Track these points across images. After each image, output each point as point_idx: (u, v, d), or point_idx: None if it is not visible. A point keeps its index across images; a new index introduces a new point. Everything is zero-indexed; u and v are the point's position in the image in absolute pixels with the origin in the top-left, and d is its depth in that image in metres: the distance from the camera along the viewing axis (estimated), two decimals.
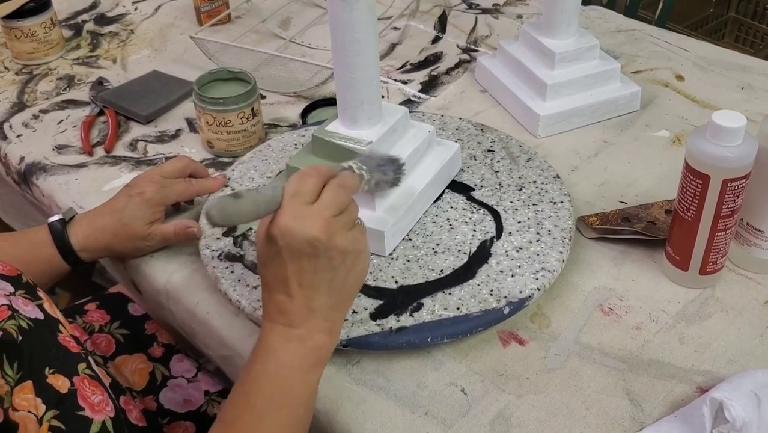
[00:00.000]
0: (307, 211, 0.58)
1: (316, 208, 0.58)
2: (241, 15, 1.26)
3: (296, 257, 0.58)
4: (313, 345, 0.60)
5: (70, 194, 0.90)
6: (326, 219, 0.58)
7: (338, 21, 0.70)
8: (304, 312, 0.59)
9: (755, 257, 0.74)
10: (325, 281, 0.59)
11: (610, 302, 0.73)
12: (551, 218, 0.77)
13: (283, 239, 0.57)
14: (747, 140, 0.66)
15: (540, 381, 0.66)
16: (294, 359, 0.59)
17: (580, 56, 0.95)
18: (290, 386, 0.59)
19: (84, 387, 0.57)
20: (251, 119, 0.92)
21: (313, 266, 0.58)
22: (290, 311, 0.59)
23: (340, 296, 0.61)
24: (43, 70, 1.14)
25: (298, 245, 0.57)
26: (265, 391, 0.58)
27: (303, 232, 0.57)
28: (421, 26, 1.21)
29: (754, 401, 0.59)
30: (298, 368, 0.59)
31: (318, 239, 0.57)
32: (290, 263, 0.58)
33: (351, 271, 0.60)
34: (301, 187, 0.59)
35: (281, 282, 0.59)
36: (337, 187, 0.60)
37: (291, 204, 0.58)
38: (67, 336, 0.60)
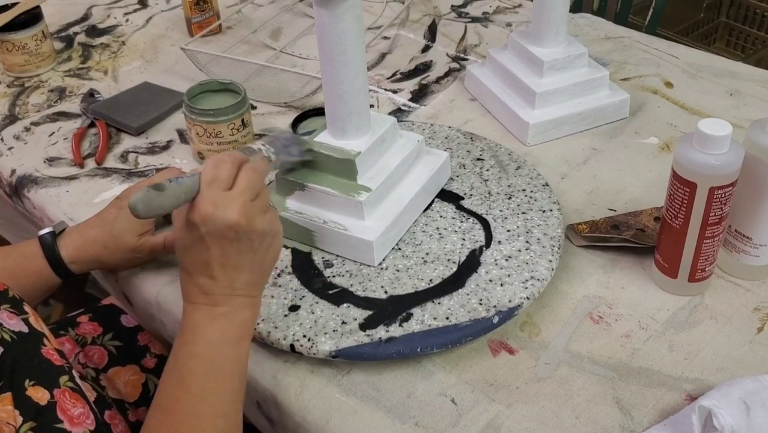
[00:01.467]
0: (226, 198, 0.59)
1: (233, 194, 0.60)
2: (232, 25, 1.27)
3: (219, 242, 0.59)
4: (238, 320, 0.61)
5: (61, 206, 0.90)
6: (244, 204, 0.59)
7: (325, 33, 0.71)
8: (227, 291, 0.61)
9: (744, 264, 0.74)
10: (246, 262, 0.61)
11: (600, 310, 0.73)
12: (540, 226, 0.77)
13: (204, 225, 0.58)
14: (733, 148, 0.66)
15: (530, 390, 0.66)
16: (222, 335, 0.60)
17: (569, 64, 0.95)
18: (221, 361, 0.60)
19: (64, 400, 0.58)
20: (241, 130, 0.92)
21: (235, 249, 0.60)
22: (213, 291, 0.60)
23: (260, 274, 0.63)
24: (35, 82, 1.14)
25: (220, 230, 0.59)
26: (198, 370, 0.59)
27: (224, 218, 0.58)
28: (410, 35, 1.22)
29: (743, 408, 0.59)
30: (227, 342, 0.61)
31: (239, 223, 0.59)
32: (213, 247, 0.59)
33: (268, 251, 0.63)
34: (217, 174, 0.60)
35: (203, 265, 0.60)
36: (251, 172, 0.62)
37: (209, 191, 0.59)
38: (51, 349, 0.61)
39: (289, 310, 0.71)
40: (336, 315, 0.70)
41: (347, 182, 0.75)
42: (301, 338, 0.68)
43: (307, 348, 0.67)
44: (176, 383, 0.59)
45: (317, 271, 0.75)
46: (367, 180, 0.76)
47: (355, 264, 0.75)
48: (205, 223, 0.58)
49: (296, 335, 0.68)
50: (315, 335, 0.68)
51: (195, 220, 0.59)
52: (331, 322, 0.69)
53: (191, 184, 0.60)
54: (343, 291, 0.72)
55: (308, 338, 0.68)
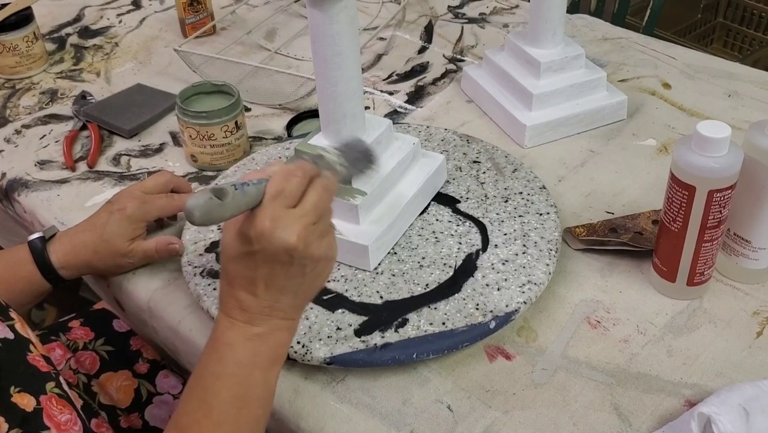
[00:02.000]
0: (288, 217, 0.56)
1: (297, 213, 0.56)
2: (226, 27, 1.26)
3: (269, 263, 0.56)
4: (273, 343, 0.58)
5: (52, 210, 0.89)
6: (306, 227, 0.56)
7: (319, 34, 0.70)
8: (266, 312, 0.58)
9: (743, 268, 0.73)
10: (293, 286, 0.58)
11: (598, 315, 0.72)
12: (537, 229, 0.77)
13: (259, 242, 0.55)
14: (732, 150, 0.65)
15: (527, 396, 0.65)
16: (254, 358, 0.58)
17: (566, 65, 0.95)
18: (250, 387, 0.57)
19: (51, 406, 0.56)
20: (235, 132, 0.91)
21: (285, 272, 0.57)
22: (252, 309, 0.57)
23: (305, 298, 0.60)
24: (26, 84, 1.13)
25: (274, 250, 0.55)
26: (224, 394, 0.56)
27: (281, 239, 0.55)
28: (407, 36, 1.21)
29: (742, 414, 0.58)
30: (259, 367, 0.58)
31: (296, 248, 0.55)
32: (262, 266, 0.56)
33: (319, 276, 0.60)
34: (285, 187, 0.56)
35: (248, 281, 0.57)
36: (321, 191, 0.58)
37: (272, 206, 0.56)
38: (37, 356, 0.59)
39: None
40: (331, 321, 0.69)
41: (342, 186, 0.74)
42: (295, 345, 0.67)
43: (301, 355, 0.66)
44: (199, 404, 0.57)
45: None
46: (361, 183, 0.75)
47: (350, 269, 0.74)
48: (260, 240, 0.55)
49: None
50: (309, 342, 0.67)
51: (250, 234, 0.55)
52: (325, 328, 0.68)
53: (255, 194, 0.56)
54: (338, 296, 0.71)
55: (302, 345, 0.67)
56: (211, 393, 0.57)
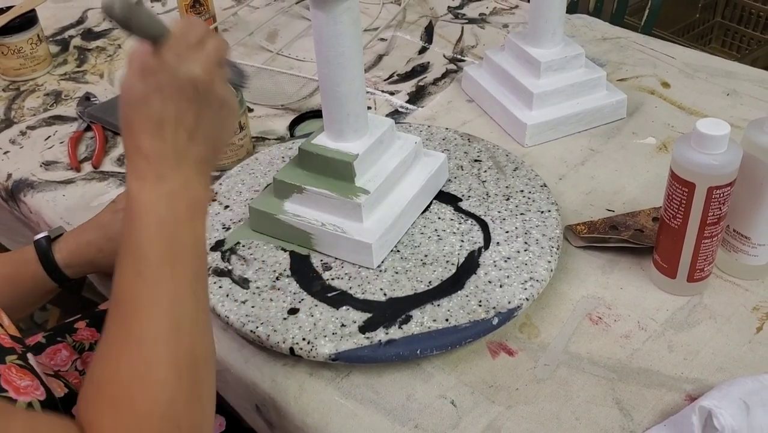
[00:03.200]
0: (193, 52, 0.55)
1: (201, 53, 0.56)
2: (228, 28, 1.26)
3: (176, 96, 0.54)
4: (190, 199, 0.56)
5: (57, 211, 0.90)
6: (210, 64, 0.56)
7: (322, 35, 0.71)
8: (175, 158, 0.55)
9: (742, 264, 0.74)
10: (201, 129, 0.56)
11: (599, 311, 0.73)
12: (539, 227, 0.77)
13: (164, 72, 0.54)
14: (731, 147, 0.66)
15: (529, 392, 0.66)
16: (174, 213, 0.54)
17: (566, 65, 0.95)
18: (179, 239, 0.54)
19: (9, 373, 0.55)
20: (238, 133, 0.92)
21: (193, 111, 0.55)
22: (160, 157, 0.54)
23: (212, 149, 0.58)
24: (30, 86, 1.14)
25: (180, 82, 0.54)
26: (153, 255, 0.53)
27: (188, 69, 0.54)
28: (407, 37, 1.22)
29: (743, 408, 0.59)
30: (181, 221, 0.55)
31: (201, 79, 0.55)
32: (169, 101, 0.54)
33: (223, 123, 0.58)
34: (189, 30, 0.56)
35: (154, 123, 0.54)
36: (220, 40, 0.58)
37: (176, 41, 0.55)
38: (3, 334, 0.58)
39: (288, 313, 0.71)
40: (335, 318, 0.70)
41: (345, 184, 0.75)
42: (301, 341, 0.68)
43: (306, 351, 0.67)
44: (131, 273, 0.53)
45: (316, 274, 0.75)
46: (365, 182, 0.76)
47: (354, 267, 0.75)
48: (164, 70, 0.53)
49: (295, 338, 0.68)
50: (314, 338, 0.68)
51: (155, 65, 0.54)
52: (330, 325, 0.69)
53: (162, 25, 0.55)
54: (342, 294, 0.72)
55: (307, 341, 0.68)
56: (140, 257, 0.53)
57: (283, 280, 0.74)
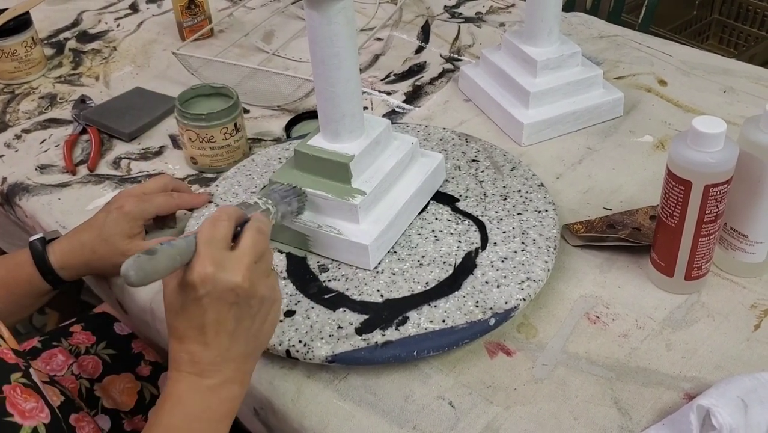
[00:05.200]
0: (228, 258, 0.56)
1: (237, 254, 0.57)
2: (223, 29, 1.26)
3: (216, 305, 0.56)
4: (224, 396, 0.58)
5: (53, 214, 0.90)
6: (248, 266, 0.56)
7: (317, 35, 0.70)
8: (217, 361, 0.57)
9: (740, 261, 0.74)
10: (242, 330, 0.57)
11: (597, 310, 0.72)
12: (536, 227, 0.77)
13: (203, 286, 0.55)
14: (728, 145, 0.66)
15: (528, 392, 0.66)
16: (204, 410, 0.57)
17: (562, 63, 0.95)
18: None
19: (14, 395, 0.56)
20: (234, 134, 0.92)
21: (233, 314, 0.56)
22: (203, 360, 0.57)
23: (255, 345, 0.60)
24: (25, 89, 1.14)
25: (220, 292, 0.55)
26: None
27: (225, 279, 0.55)
28: (404, 36, 1.21)
29: (741, 407, 0.59)
30: (209, 420, 0.57)
31: (241, 286, 0.56)
32: (210, 310, 0.56)
33: (266, 319, 0.59)
34: (215, 234, 0.57)
35: (197, 330, 0.56)
36: (255, 232, 0.59)
37: (208, 250, 0.56)
38: (6, 349, 0.59)
39: (285, 315, 0.70)
40: (332, 320, 0.69)
41: (341, 186, 0.75)
42: (297, 344, 0.67)
43: (303, 354, 0.67)
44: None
45: (312, 275, 0.74)
46: (361, 183, 0.75)
47: (351, 268, 0.75)
48: (203, 283, 0.55)
49: (292, 340, 0.68)
50: (311, 340, 0.67)
51: (193, 280, 0.55)
52: (326, 327, 0.69)
53: (185, 245, 0.56)
54: (339, 295, 0.72)
55: (304, 344, 0.67)
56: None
57: (279, 282, 0.74)
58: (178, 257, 0.56)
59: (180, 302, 0.57)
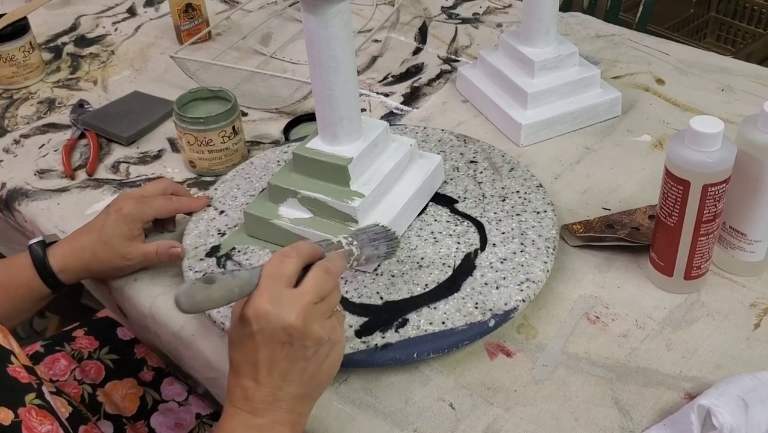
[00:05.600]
0: (286, 296, 0.56)
1: (296, 292, 0.56)
2: (221, 32, 1.26)
3: (269, 343, 0.55)
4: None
5: (52, 219, 0.90)
6: (305, 306, 0.56)
7: (314, 38, 0.70)
8: (269, 400, 0.57)
9: (739, 260, 0.74)
10: (296, 371, 0.57)
11: (597, 310, 0.73)
12: (535, 227, 0.77)
13: (257, 322, 0.55)
14: (726, 145, 0.66)
15: (528, 393, 0.66)
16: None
17: (560, 63, 0.95)
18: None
19: (30, 418, 0.55)
20: (233, 137, 0.92)
21: (286, 354, 0.56)
22: (255, 398, 0.56)
23: (310, 387, 0.59)
24: (24, 94, 1.14)
25: (273, 330, 0.55)
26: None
27: (279, 317, 0.55)
28: (401, 38, 1.21)
29: (741, 406, 0.59)
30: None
31: (294, 326, 0.55)
32: (263, 348, 0.56)
33: (324, 362, 0.58)
34: (280, 269, 0.57)
35: (250, 366, 0.56)
36: (322, 272, 0.58)
37: (269, 286, 0.56)
38: (18, 367, 0.59)
39: None
40: None
41: (340, 188, 0.75)
42: None
43: None
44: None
45: None
46: (360, 186, 0.75)
47: (350, 270, 0.75)
48: (258, 320, 0.55)
49: None
50: None
51: (248, 314, 0.55)
52: None
53: (249, 277, 0.56)
54: None
55: None
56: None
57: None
58: (236, 289, 0.55)
59: (237, 336, 0.57)
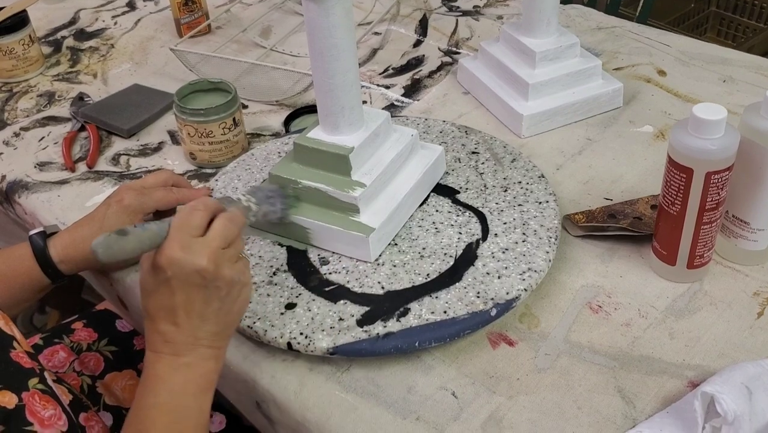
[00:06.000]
0: (195, 243, 0.59)
1: (204, 240, 0.59)
2: (221, 25, 1.26)
3: (185, 287, 0.58)
4: (201, 371, 0.60)
5: (53, 211, 0.90)
6: (214, 250, 0.59)
7: (315, 27, 0.70)
8: (190, 340, 0.59)
9: (742, 249, 0.74)
10: (212, 310, 0.60)
11: (599, 300, 0.72)
12: (537, 217, 0.77)
13: (171, 268, 0.58)
14: (729, 132, 0.66)
15: (531, 382, 0.66)
16: (185, 385, 0.60)
17: (561, 55, 0.95)
18: (184, 413, 0.60)
19: (33, 402, 0.57)
20: (233, 129, 0.91)
21: (202, 296, 0.59)
22: (176, 340, 0.59)
23: (225, 324, 0.62)
24: (23, 87, 1.13)
25: (187, 274, 0.58)
26: (160, 422, 0.58)
27: (191, 262, 0.58)
28: (402, 30, 1.21)
29: (745, 393, 0.59)
30: (190, 394, 0.60)
31: (206, 269, 0.58)
32: (179, 292, 0.58)
33: (236, 301, 0.62)
34: (188, 220, 0.60)
35: (167, 311, 0.59)
36: (225, 220, 0.62)
37: (178, 235, 0.59)
38: (21, 352, 0.59)
39: (286, 308, 0.70)
40: (333, 312, 0.69)
41: (341, 178, 0.75)
42: (298, 336, 0.67)
43: (304, 346, 0.67)
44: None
45: (313, 268, 0.74)
46: (361, 176, 0.75)
47: (352, 260, 0.74)
48: (171, 266, 0.58)
49: (293, 332, 0.68)
50: (312, 333, 0.67)
51: (161, 262, 0.58)
52: (328, 319, 0.69)
53: (158, 229, 0.59)
54: (340, 288, 0.72)
55: (305, 336, 0.67)
56: (149, 424, 0.58)
57: (280, 275, 0.74)
58: (147, 241, 0.59)
59: (151, 284, 0.59)
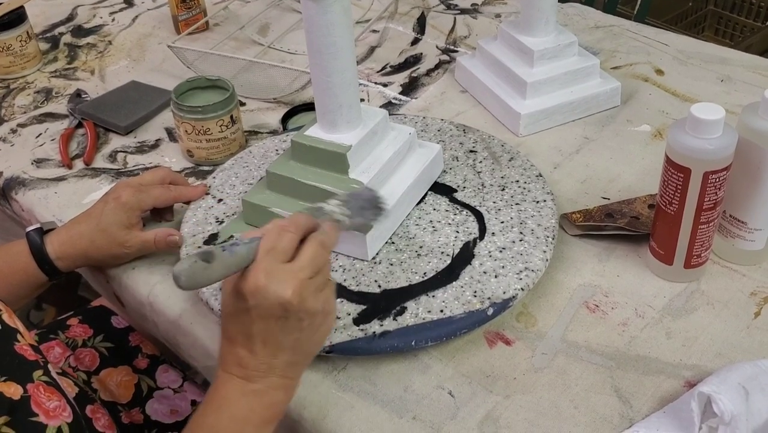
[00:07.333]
0: (282, 271, 0.56)
1: (291, 268, 0.56)
2: (219, 22, 1.25)
3: (265, 318, 0.56)
4: (269, 402, 0.58)
5: (50, 208, 0.89)
6: (301, 281, 0.56)
7: (313, 24, 0.70)
8: (263, 368, 0.57)
9: (739, 249, 0.74)
10: (290, 342, 0.57)
11: (596, 299, 0.72)
12: (534, 217, 0.77)
13: (253, 297, 0.55)
14: (726, 132, 0.66)
15: (527, 381, 0.66)
16: (248, 414, 0.57)
17: (559, 53, 0.95)
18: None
19: (38, 393, 0.56)
20: (231, 126, 0.91)
21: (281, 327, 0.57)
22: (250, 366, 0.57)
23: (303, 355, 0.60)
24: (20, 83, 1.13)
25: (269, 306, 0.55)
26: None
27: (275, 292, 0.55)
28: (400, 28, 1.21)
29: (742, 393, 0.59)
30: (253, 423, 0.58)
31: (290, 301, 0.55)
32: (258, 322, 0.56)
33: (317, 331, 0.59)
34: (277, 244, 0.57)
35: (245, 337, 0.57)
36: (317, 246, 0.58)
37: (265, 261, 0.56)
38: (25, 345, 0.59)
39: None
40: None
41: (339, 176, 0.75)
42: None
43: None
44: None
45: None
46: (358, 174, 0.75)
47: (349, 259, 0.74)
48: (254, 295, 0.55)
49: None
50: None
51: (244, 290, 0.55)
52: None
53: (246, 253, 0.56)
54: (337, 286, 0.72)
55: None
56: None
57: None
58: (233, 267, 0.55)
59: (232, 308, 0.57)
